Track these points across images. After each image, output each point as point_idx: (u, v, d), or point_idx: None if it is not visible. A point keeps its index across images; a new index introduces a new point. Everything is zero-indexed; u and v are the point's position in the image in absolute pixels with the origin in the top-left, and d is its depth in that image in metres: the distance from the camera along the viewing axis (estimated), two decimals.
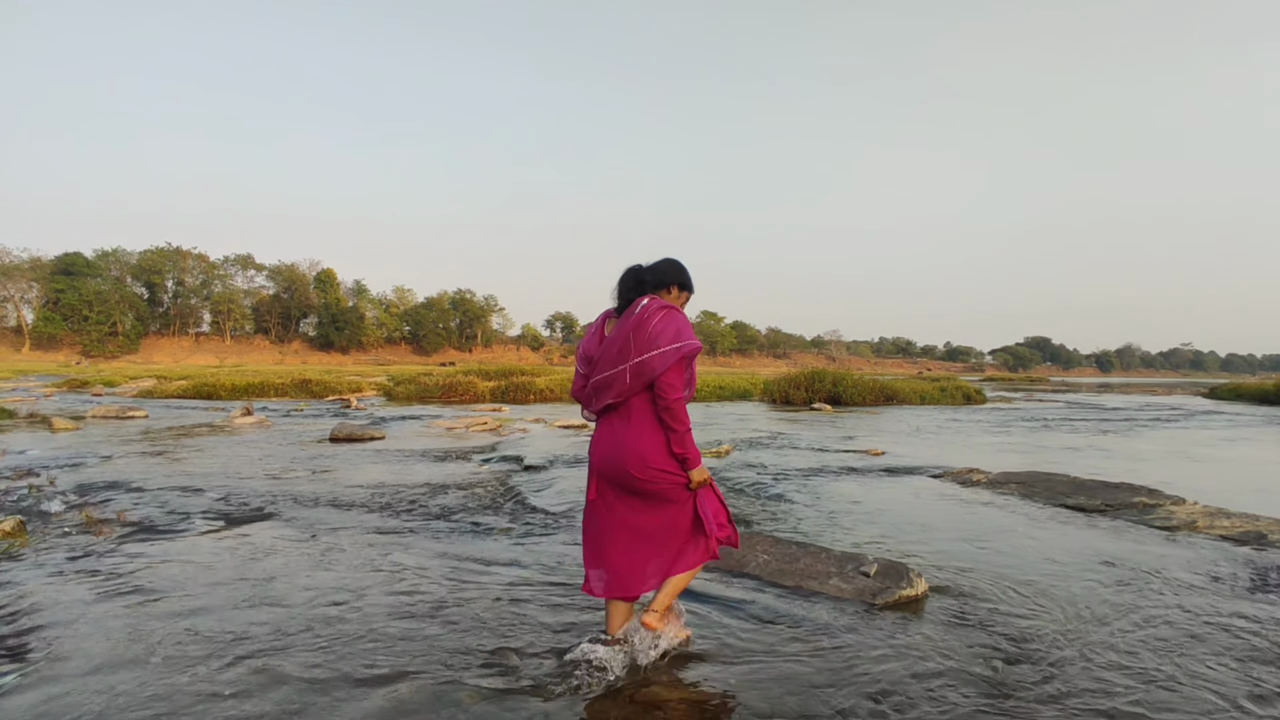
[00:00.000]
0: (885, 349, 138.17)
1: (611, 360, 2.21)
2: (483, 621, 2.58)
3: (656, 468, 2.18)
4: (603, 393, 2.25)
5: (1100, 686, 2.15)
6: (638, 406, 2.22)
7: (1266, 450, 9.14)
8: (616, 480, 2.24)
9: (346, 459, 6.98)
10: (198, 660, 2.23)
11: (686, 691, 2.10)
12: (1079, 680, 2.19)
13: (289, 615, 2.62)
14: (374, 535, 3.88)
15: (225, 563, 3.30)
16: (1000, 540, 3.95)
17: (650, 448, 2.19)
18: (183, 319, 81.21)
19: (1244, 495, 5.55)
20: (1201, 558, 3.62)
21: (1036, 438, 10.52)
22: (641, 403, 2.22)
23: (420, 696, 2.02)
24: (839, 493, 5.33)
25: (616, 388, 2.20)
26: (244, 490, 5.13)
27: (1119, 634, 2.57)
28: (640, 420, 2.21)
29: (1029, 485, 5.52)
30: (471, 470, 6.33)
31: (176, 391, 18.43)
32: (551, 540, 3.83)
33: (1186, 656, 2.37)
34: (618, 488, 2.25)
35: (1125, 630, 2.61)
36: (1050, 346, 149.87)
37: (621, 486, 2.24)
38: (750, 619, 2.70)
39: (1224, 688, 2.15)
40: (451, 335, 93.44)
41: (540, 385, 18.79)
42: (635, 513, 2.25)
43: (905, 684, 2.15)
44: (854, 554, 3.35)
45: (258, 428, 10.08)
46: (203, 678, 2.11)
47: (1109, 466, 7.20)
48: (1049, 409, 18.18)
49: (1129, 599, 2.97)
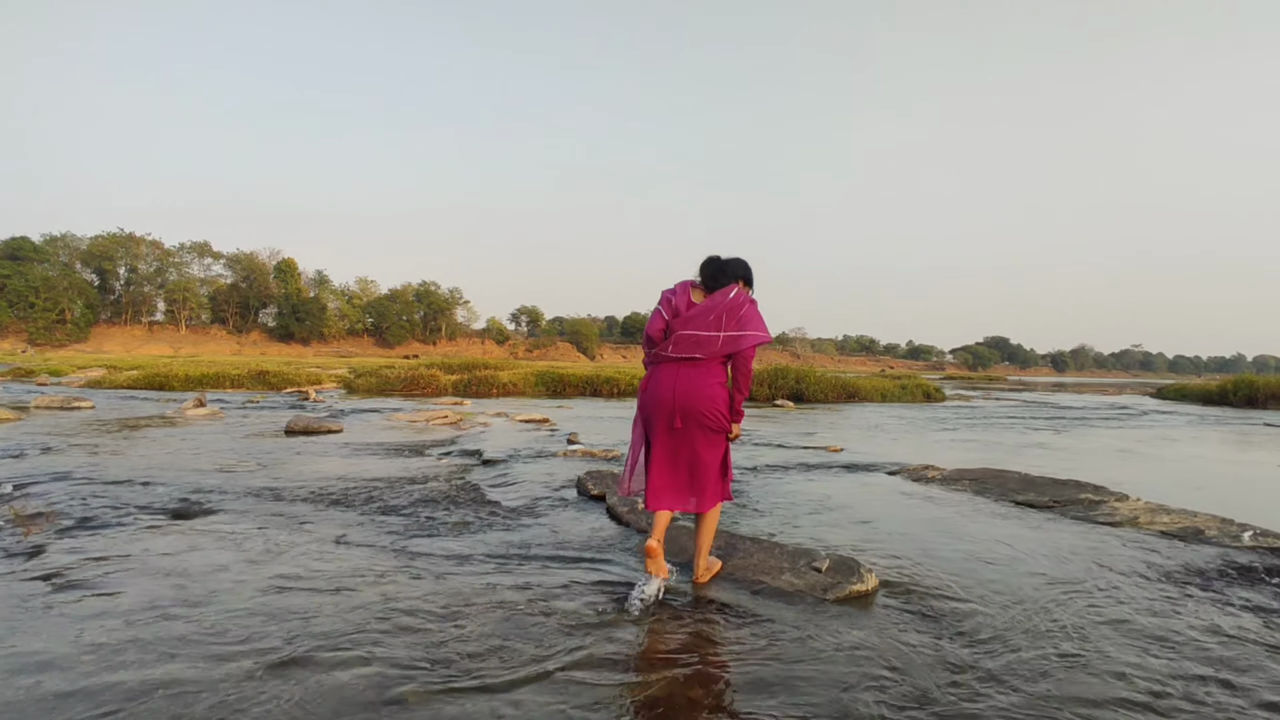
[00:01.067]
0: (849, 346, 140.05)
1: (707, 325, 2.87)
2: (428, 615, 2.54)
3: (720, 412, 2.90)
4: (689, 346, 2.88)
5: (1039, 671, 2.20)
6: (713, 365, 2.92)
7: (1207, 448, 9.46)
8: (689, 416, 2.87)
9: (302, 452, 6.84)
10: (119, 665, 2.15)
11: (633, 692, 2.09)
12: (1019, 668, 2.23)
13: (227, 612, 2.55)
14: (325, 530, 3.80)
15: (164, 560, 3.20)
16: (951, 536, 4.01)
17: (720, 397, 2.91)
18: (135, 307, 78.91)
19: (1184, 491, 5.73)
20: (1141, 552, 3.73)
21: (992, 435, 10.75)
22: (716, 364, 2.93)
23: (352, 685, 1.98)
24: (796, 489, 5.38)
25: (707, 347, 2.87)
26: (192, 484, 4.99)
27: (1059, 623, 2.63)
28: (713, 375, 2.91)
29: (981, 482, 5.63)
30: (430, 465, 6.25)
31: (127, 382, 17.90)
32: (505, 535, 3.80)
33: (1118, 643, 2.44)
34: (688, 422, 2.88)
35: (1065, 620, 2.67)
36: (1008, 346, 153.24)
37: (692, 422, 2.88)
38: (697, 612, 2.70)
39: (1148, 673, 2.21)
40: (415, 327, 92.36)
41: (504, 379, 18.63)
42: (691, 445, 2.91)
43: (849, 677, 2.17)
44: (807, 549, 3.38)
45: (210, 420, 9.82)
46: (110, 684, 2.04)
47: (1059, 463, 7.39)
48: (1005, 407, 18.60)
49: (1071, 592, 3.04)
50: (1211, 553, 3.74)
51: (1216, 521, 4.27)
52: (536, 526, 4.02)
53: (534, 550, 3.51)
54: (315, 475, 5.51)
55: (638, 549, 3.52)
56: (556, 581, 3.02)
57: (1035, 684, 2.15)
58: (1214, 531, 4.10)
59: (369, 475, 5.57)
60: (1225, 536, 4.02)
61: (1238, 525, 4.19)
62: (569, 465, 6.34)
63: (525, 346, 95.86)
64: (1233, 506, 4.90)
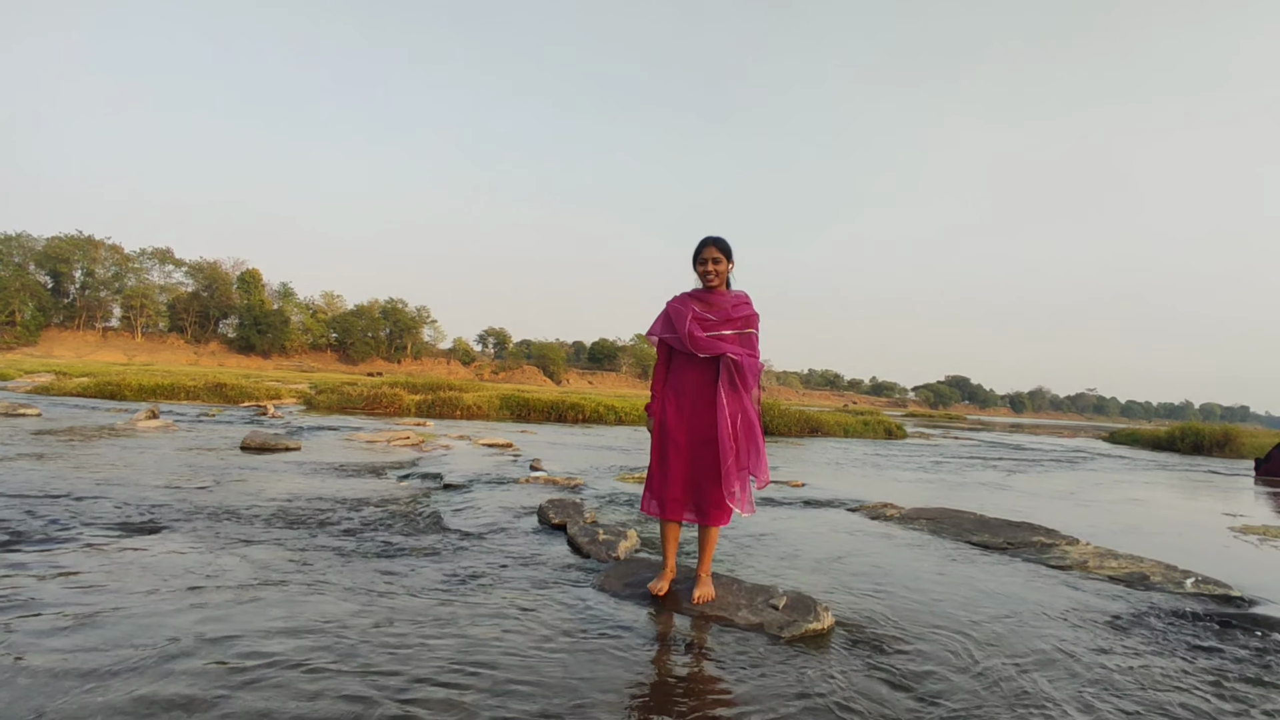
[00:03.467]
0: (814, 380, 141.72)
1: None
2: (381, 646, 2.49)
3: None
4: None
5: (990, 709, 2.23)
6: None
7: (1155, 492, 9.73)
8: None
9: (257, 470, 6.68)
10: None
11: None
12: (971, 708, 2.26)
13: (173, 638, 2.47)
14: (276, 552, 3.71)
15: (105, 580, 3.09)
16: (907, 575, 4.06)
17: None
18: (90, 312, 76.63)
19: (1132, 537, 5.88)
20: (1089, 597, 3.81)
21: (951, 474, 10.93)
22: None
23: None
24: (755, 524, 5.40)
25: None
26: (140, 499, 4.84)
27: (1005, 665, 2.67)
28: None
29: (938, 521, 5.72)
30: (389, 487, 6.15)
31: (76, 389, 17.34)
32: (463, 563, 3.74)
33: (1063, 687, 2.48)
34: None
35: (1011, 662, 2.72)
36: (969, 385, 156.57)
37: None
38: (650, 647, 2.69)
39: (1099, 712, 2.26)
40: (381, 345, 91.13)
41: (468, 401, 18.46)
42: None
43: (800, 718, 2.18)
44: (765, 586, 3.39)
45: (163, 432, 9.55)
46: None
47: (1014, 504, 7.53)
48: (965, 446, 18.93)
49: (1019, 634, 3.09)
50: (1156, 598, 3.84)
51: (1161, 568, 4.39)
52: (496, 554, 3.97)
53: (490, 578, 3.46)
54: (272, 494, 5.38)
55: (599, 582, 3.50)
56: (510, 611, 2.98)
57: None
58: (1159, 578, 4.22)
59: (327, 495, 5.45)
60: (1169, 583, 4.13)
61: (1180, 572, 4.31)
62: (531, 493, 6.29)
63: (491, 368, 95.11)
64: (1176, 553, 5.04)
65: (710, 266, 3.19)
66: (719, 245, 3.19)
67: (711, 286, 3.22)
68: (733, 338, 3.13)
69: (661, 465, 3.23)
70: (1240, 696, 2.54)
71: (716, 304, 3.19)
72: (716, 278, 3.19)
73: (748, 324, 3.17)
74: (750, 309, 3.22)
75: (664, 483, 3.20)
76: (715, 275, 3.19)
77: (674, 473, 3.18)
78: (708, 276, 3.21)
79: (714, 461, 3.12)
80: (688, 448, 3.18)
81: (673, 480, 3.18)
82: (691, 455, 3.18)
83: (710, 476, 3.14)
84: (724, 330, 3.13)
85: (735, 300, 3.21)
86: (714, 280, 3.20)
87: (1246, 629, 3.37)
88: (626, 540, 4.21)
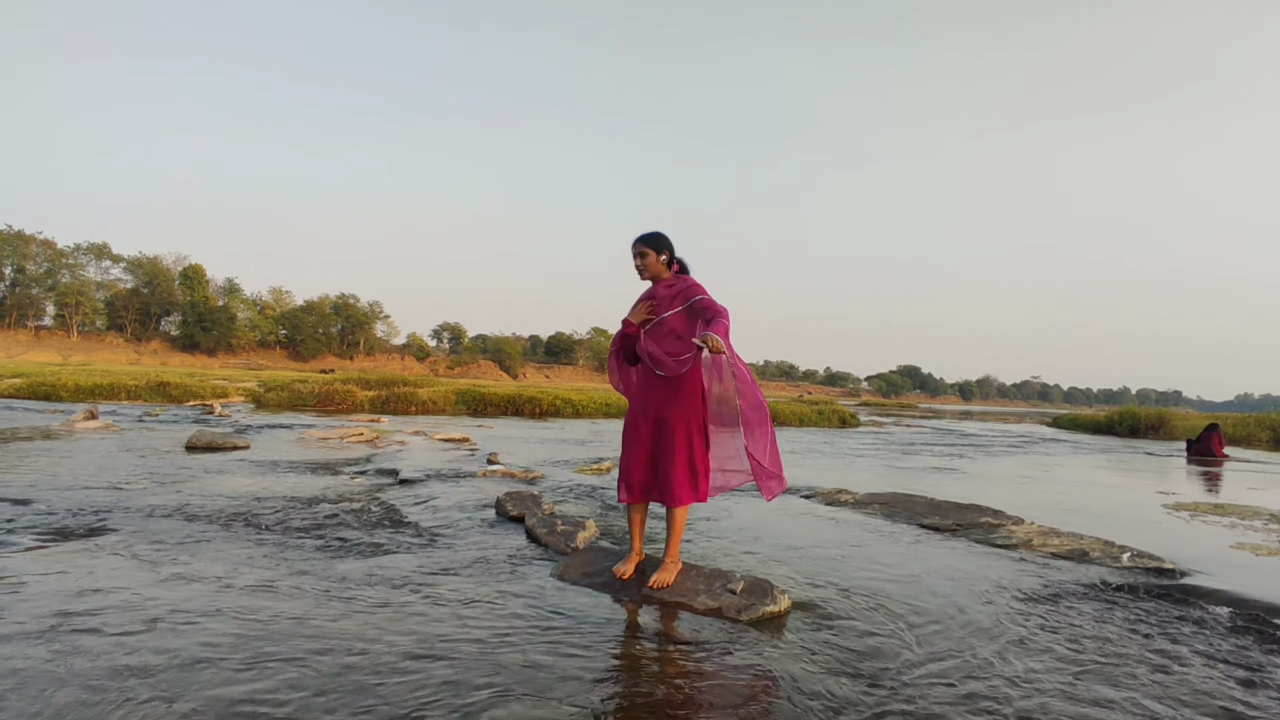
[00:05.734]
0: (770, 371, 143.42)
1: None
2: (341, 645, 2.46)
3: None
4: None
5: (938, 683, 2.31)
6: None
7: (1095, 474, 10.12)
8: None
9: (204, 469, 6.49)
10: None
11: None
12: (919, 681, 2.33)
13: (118, 645, 2.39)
14: (225, 551, 3.62)
15: (42, 586, 2.98)
16: (861, 557, 4.16)
17: None
18: (21, 310, 73.26)
19: (1073, 516, 6.11)
20: (1033, 572, 3.96)
21: (903, 460, 11.19)
22: None
23: None
24: (712, 511, 5.46)
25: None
26: (80, 502, 4.66)
27: (956, 639, 2.77)
28: None
29: (891, 505, 5.86)
30: (342, 483, 6.04)
31: (7, 390, 16.58)
32: (420, 556, 3.71)
33: (1009, 657, 2.58)
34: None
35: (961, 636, 2.81)
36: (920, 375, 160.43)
37: None
38: (608, 631, 2.71)
39: (1040, 682, 2.35)
40: (332, 341, 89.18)
41: (423, 396, 18.22)
42: None
43: (757, 699, 2.22)
44: (723, 571, 3.44)
45: (103, 433, 9.20)
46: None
47: (963, 488, 7.75)
48: (916, 434, 19.39)
49: (968, 609, 3.19)
50: (1096, 572, 4.01)
51: (1100, 544, 4.58)
52: (454, 547, 3.94)
53: (448, 570, 3.44)
54: (220, 493, 5.24)
55: (558, 572, 3.50)
56: (469, 602, 2.97)
57: (932, 703, 2.25)
58: (1098, 553, 4.40)
59: (279, 493, 5.33)
60: (1107, 558, 4.31)
61: (1118, 547, 4.50)
62: (488, 485, 6.24)
63: (447, 364, 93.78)
64: (1115, 530, 5.26)
65: (638, 262, 3.38)
66: (644, 241, 3.36)
67: (647, 279, 3.42)
68: (680, 314, 3.26)
69: (625, 449, 3.34)
70: (1168, 652, 2.67)
71: (660, 294, 3.36)
72: (646, 270, 3.39)
73: (688, 295, 3.28)
74: (686, 283, 3.33)
75: (628, 466, 3.30)
76: (645, 269, 3.39)
77: (635, 456, 3.28)
78: (640, 270, 3.41)
79: (670, 441, 3.20)
80: (646, 429, 3.28)
81: (635, 463, 3.27)
82: (651, 437, 3.27)
83: (667, 456, 3.20)
84: (674, 308, 3.27)
85: (670, 282, 3.37)
86: (645, 274, 3.40)
87: (1178, 598, 3.55)
88: (585, 530, 4.22)
